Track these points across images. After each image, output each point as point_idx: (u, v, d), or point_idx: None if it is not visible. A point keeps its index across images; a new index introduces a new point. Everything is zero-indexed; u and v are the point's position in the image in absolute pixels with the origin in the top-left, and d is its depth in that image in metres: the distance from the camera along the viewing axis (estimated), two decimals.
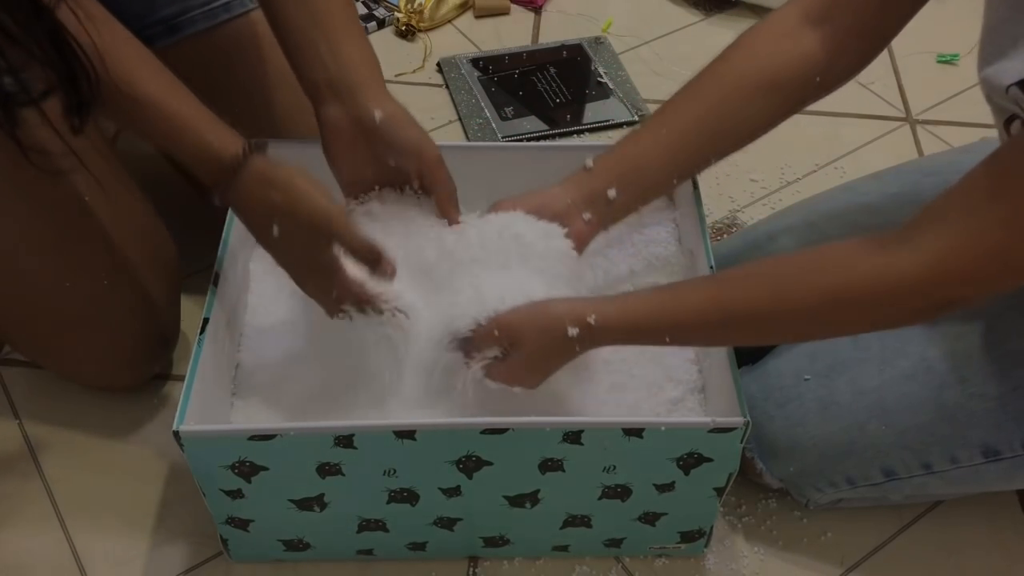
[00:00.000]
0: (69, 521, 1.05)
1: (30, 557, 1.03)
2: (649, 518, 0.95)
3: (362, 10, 1.67)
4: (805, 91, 0.95)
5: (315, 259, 0.89)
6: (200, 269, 1.28)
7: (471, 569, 1.02)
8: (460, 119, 1.53)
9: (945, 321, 0.96)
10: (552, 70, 1.60)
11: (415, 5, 1.67)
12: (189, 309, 1.23)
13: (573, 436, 0.85)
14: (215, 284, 0.95)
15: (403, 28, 1.67)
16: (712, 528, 0.99)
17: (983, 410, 0.92)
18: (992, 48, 0.82)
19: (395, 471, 0.88)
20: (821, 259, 0.80)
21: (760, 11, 1.74)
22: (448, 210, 0.97)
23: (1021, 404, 0.91)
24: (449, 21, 1.71)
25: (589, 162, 0.96)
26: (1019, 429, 0.92)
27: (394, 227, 0.97)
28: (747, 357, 1.06)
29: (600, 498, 0.92)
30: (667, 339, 0.84)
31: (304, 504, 0.92)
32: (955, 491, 0.99)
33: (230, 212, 1.00)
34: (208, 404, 0.92)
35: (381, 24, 1.69)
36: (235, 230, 1.00)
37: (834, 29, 0.91)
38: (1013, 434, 0.92)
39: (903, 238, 0.76)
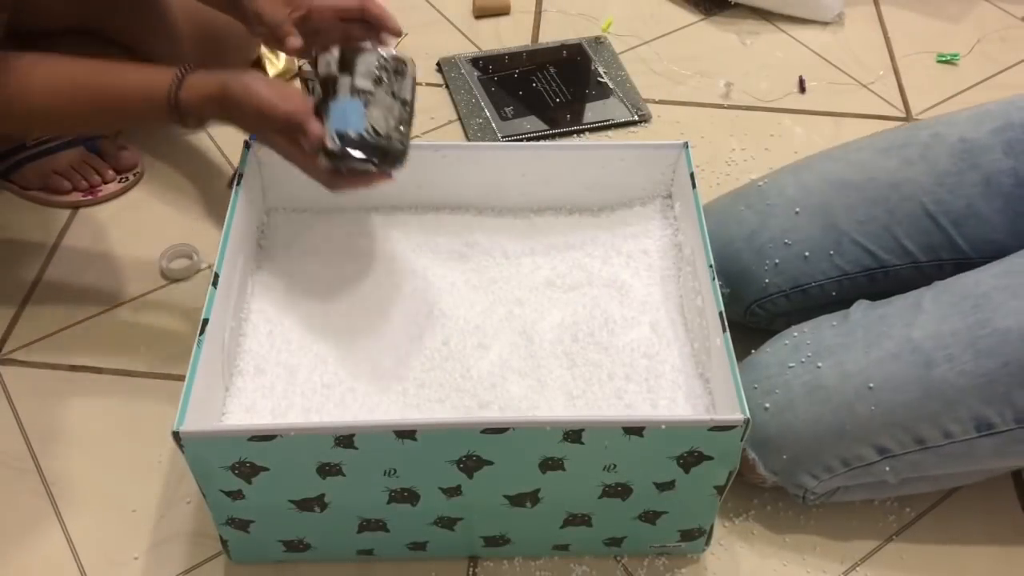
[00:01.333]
0: (68, 521, 1.05)
1: (29, 557, 1.03)
2: (649, 517, 0.95)
3: None
4: None
5: (279, 133, 0.97)
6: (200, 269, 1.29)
7: (471, 569, 1.02)
8: (460, 119, 1.53)
9: (930, 304, 0.97)
10: (552, 70, 1.60)
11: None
12: (188, 309, 1.24)
13: (573, 435, 0.85)
14: (215, 284, 0.95)
15: None
16: (712, 527, 0.99)
17: (972, 386, 0.92)
18: None
19: (395, 471, 0.88)
20: None
21: (759, 12, 1.74)
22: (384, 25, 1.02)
23: (1011, 381, 0.92)
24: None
25: None
26: (1010, 405, 0.92)
27: None
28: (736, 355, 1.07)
29: (600, 497, 0.92)
30: None
31: (304, 504, 0.91)
32: (951, 469, 0.99)
33: (227, 215, 1.01)
34: (208, 405, 0.92)
35: None
36: (234, 230, 1.00)
37: None
38: (1004, 409, 0.92)
39: None
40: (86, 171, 1.38)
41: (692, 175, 1.05)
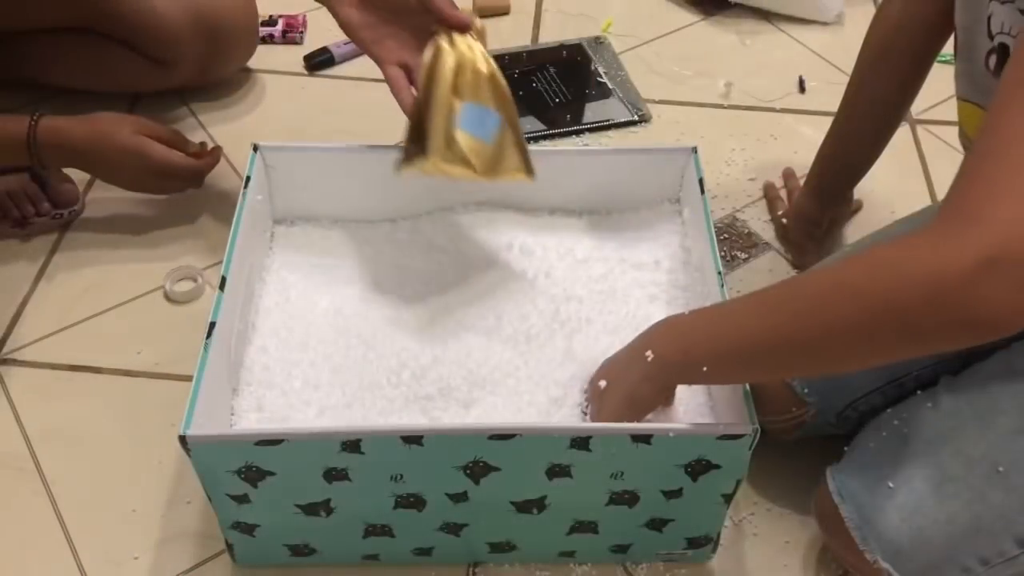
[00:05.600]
0: (69, 521, 1.05)
1: (29, 557, 1.02)
2: (656, 524, 0.95)
3: None
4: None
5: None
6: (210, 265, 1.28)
7: (471, 569, 1.01)
8: None
9: None
10: (552, 70, 1.60)
11: None
12: (189, 309, 1.24)
13: (581, 442, 0.85)
14: (222, 288, 0.94)
15: None
16: (719, 535, 0.99)
17: None
18: None
19: (402, 476, 0.88)
20: (860, 264, 0.73)
21: (759, 12, 1.74)
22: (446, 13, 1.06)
23: None
24: None
25: None
26: None
27: None
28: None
29: (607, 504, 0.92)
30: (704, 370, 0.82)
31: (310, 509, 0.91)
32: None
33: (234, 220, 1.00)
34: (214, 408, 0.91)
35: None
36: (241, 234, 0.99)
37: None
38: None
39: (954, 215, 0.68)
40: (21, 200, 1.31)
41: (701, 180, 1.05)
